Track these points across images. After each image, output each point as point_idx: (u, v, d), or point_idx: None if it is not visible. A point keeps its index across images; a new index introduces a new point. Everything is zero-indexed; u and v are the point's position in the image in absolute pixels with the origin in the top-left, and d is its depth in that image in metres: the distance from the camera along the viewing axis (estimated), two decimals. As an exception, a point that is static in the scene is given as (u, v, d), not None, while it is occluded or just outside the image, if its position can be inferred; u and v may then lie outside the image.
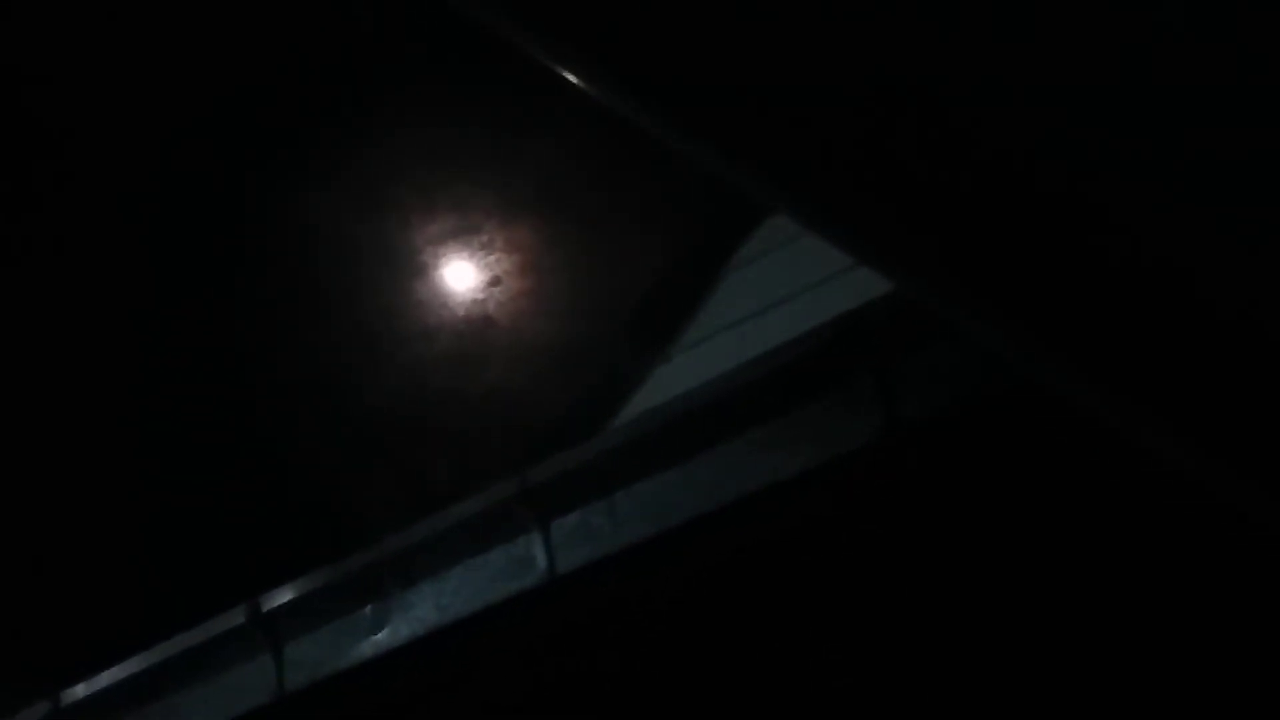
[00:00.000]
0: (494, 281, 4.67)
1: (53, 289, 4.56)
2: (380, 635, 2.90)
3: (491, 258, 4.64)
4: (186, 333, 4.68)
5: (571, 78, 1.72)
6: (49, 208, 4.46)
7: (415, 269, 4.66)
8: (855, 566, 2.69)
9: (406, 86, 4.39)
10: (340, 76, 4.38)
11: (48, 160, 4.40)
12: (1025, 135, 1.65)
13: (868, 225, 1.75)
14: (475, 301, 4.69)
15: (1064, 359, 1.81)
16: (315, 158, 4.49)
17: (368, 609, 2.93)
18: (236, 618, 3.03)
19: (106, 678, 3.17)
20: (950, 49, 1.62)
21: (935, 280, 1.80)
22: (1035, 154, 1.65)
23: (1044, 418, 2.21)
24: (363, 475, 4.73)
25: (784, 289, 3.55)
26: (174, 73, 4.28)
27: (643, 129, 1.74)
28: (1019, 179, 1.66)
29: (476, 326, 4.70)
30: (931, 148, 1.66)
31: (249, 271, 4.67)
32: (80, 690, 3.19)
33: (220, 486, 4.73)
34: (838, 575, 2.70)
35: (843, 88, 1.64)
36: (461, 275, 4.67)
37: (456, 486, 3.06)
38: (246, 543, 4.57)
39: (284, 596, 3.00)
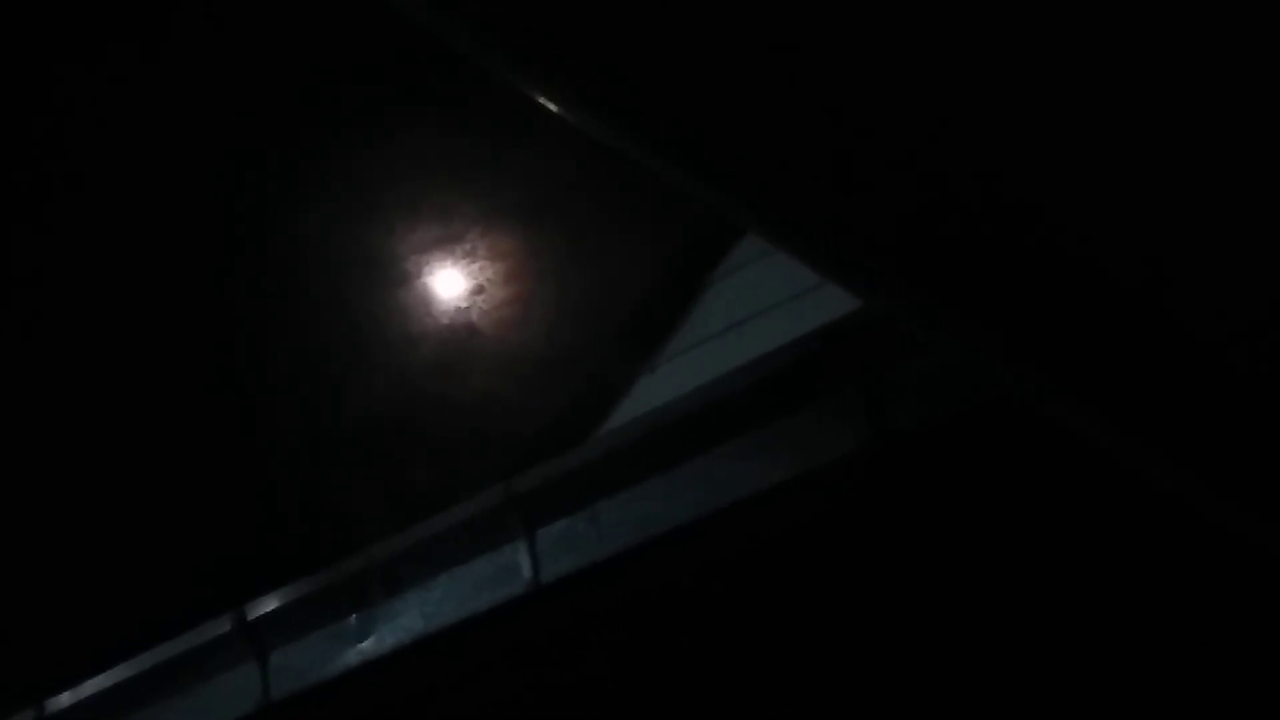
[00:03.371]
0: (478, 290, 4.67)
1: (39, 296, 4.56)
2: (366, 643, 2.90)
3: (475, 266, 4.64)
4: (170, 340, 4.68)
5: (551, 105, 1.73)
6: (40, 215, 4.46)
7: (399, 277, 4.66)
8: (840, 575, 2.69)
9: (392, 96, 4.40)
10: (326, 86, 4.38)
11: (38, 169, 4.40)
12: (987, 150, 1.66)
13: (834, 244, 1.76)
14: (459, 310, 4.69)
15: (1038, 372, 1.82)
16: (301, 166, 4.49)
17: (353, 617, 2.93)
18: (222, 626, 3.03)
19: (91, 686, 3.16)
20: (890, 70, 1.63)
21: (898, 295, 1.82)
22: (1000, 167, 1.67)
23: (1030, 427, 2.22)
24: (348, 483, 4.73)
25: (770, 298, 3.56)
26: (163, 83, 4.28)
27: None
28: (983, 193, 1.68)
29: (460, 335, 4.70)
30: (891, 167, 1.67)
31: (232, 279, 4.67)
32: (65, 699, 3.18)
33: (206, 494, 4.72)
34: (823, 583, 2.71)
35: (796, 112, 1.65)
36: (445, 283, 4.67)
37: (442, 495, 3.07)
38: (232, 551, 4.57)
39: (269, 604, 3.00)
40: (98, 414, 4.64)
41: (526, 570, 2.75)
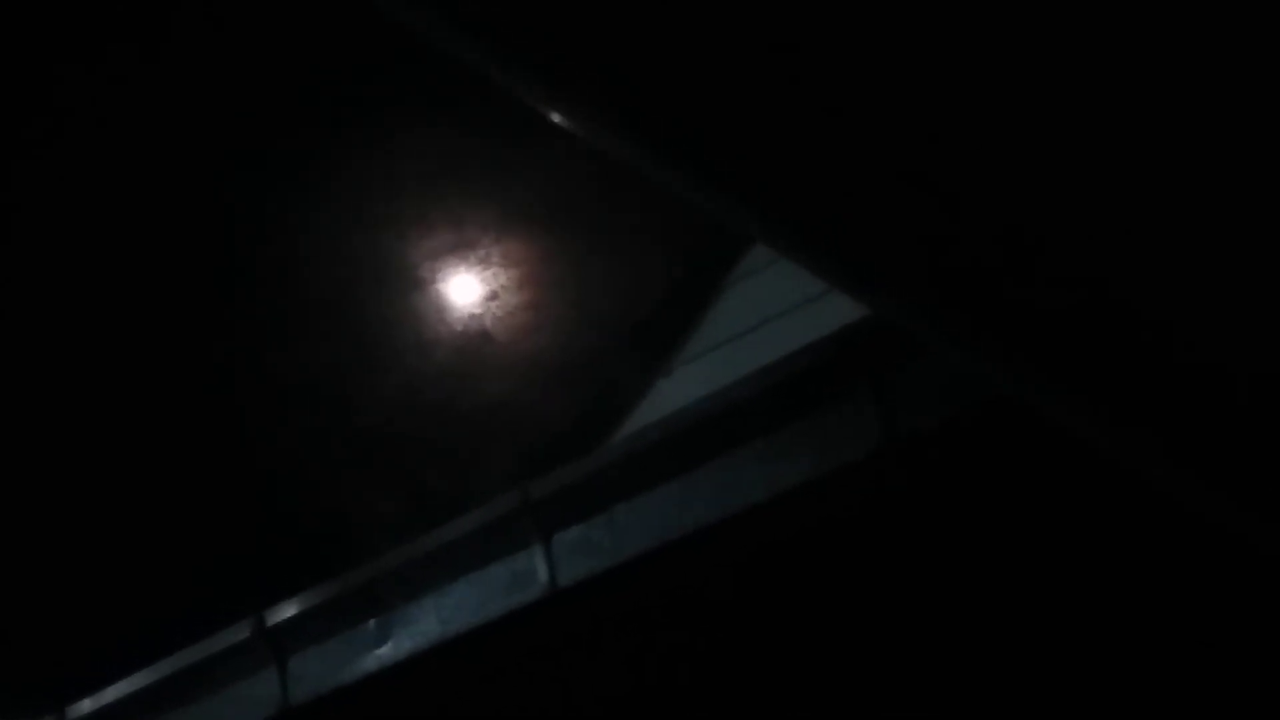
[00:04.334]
0: (491, 296, 4.66)
1: (44, 300, 4.56)
2: (384, 649, 2.91)
3: (489, 272, 4.64)
4: (184, 347, 4.68)
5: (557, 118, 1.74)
6: (46, 217, 4.47)
7: (412, 283, 4.66)
8: (854, 578, 2.70)
9: (403, 100, 4.39)
10: (337, 89, 4.39)
11: (38, 169, 4.40)
12: (988, 155, 1.67)
13: (837, 250, 1.77)
14: (473, 316, 4.68)
15: (1039, 376, 1.83)
16: (313, 171, 4.49)
17: (371, 623, 2.94)
18: (241, 632, 3.04)
19: (112, 692, 3.18)
20: (891, 73, 1.63)
21: (898, 299, 1.82)
22: (1000, 173, 1.68)
23: (1041, 430, 2.23)
24: (364, 490, 4.73)
25: (783, 302, 3.56)
26: (172, 84, 4.28)
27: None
28: (983, 197, 1.69)
29: (474, 341, 4.69)
30: (892, 173, 1.68)
31: (245, 285, 4.67)
32: (86, 705, 3.19)
33: (223, 501, 4.72)
34: (837, 587, 2.72)
35: (796, 115, 1.65)
36: (459, 290, 4.67)
37: (458, 501, 3.07)
38: (251, 558, 4.57)
39: (288, 611, 3.01)
40: (113, 421, 4.65)
41: (543, 575, 2.76)
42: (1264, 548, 1.96)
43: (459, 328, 4.69)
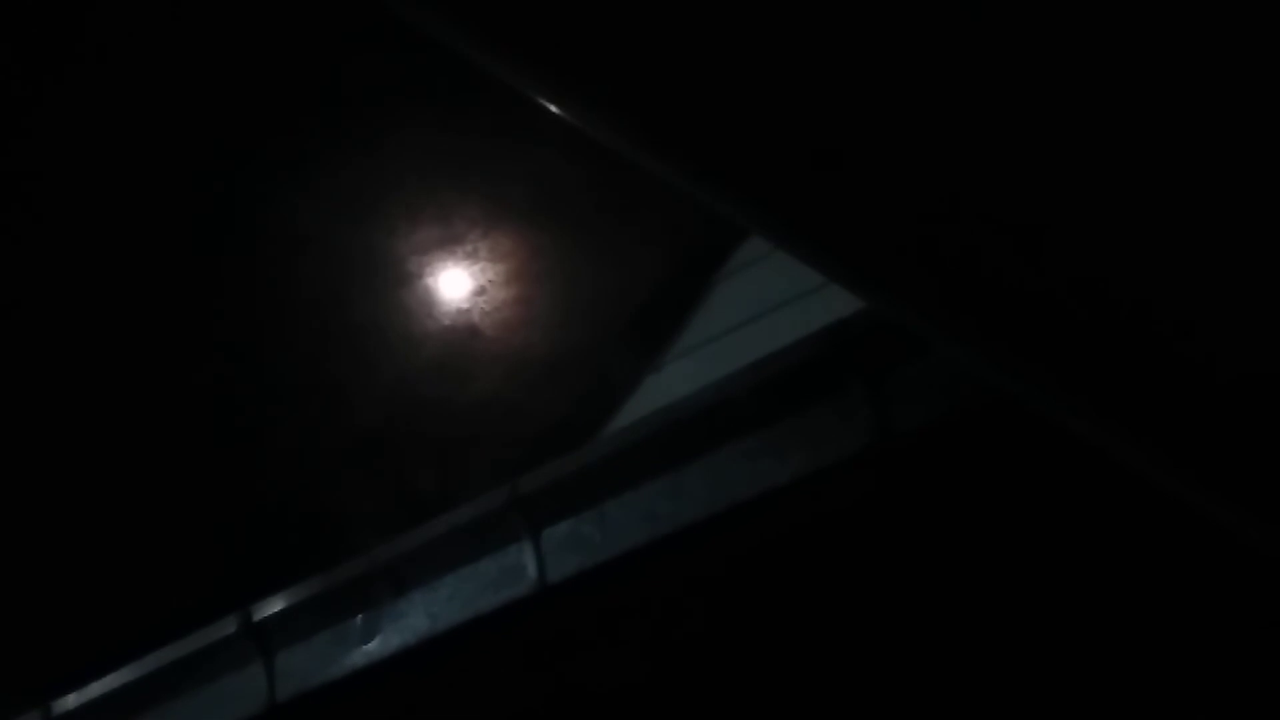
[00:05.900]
0: (479, 291, 4.66)
1: (39, 296, 4.56)
2: (371, 644, 2.90)
3: (477, 267, 4.64)
4: (170, 341, 4.67)
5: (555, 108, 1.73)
6: (36, 212, 4.46)
7: (399, 278, 4.66)
8: (846, 575, 2.70)
9: (392, 93, 4.39)
10: (325, 83, 4.38)
11: (35, 169, 4.40)
12: (987, 155, 1.67)
13: (836, 246, 1.76)
14: (460, 311, 4.68)
15: (1039, 377, 1.83)
16: (299, 165, 4.48)
17: (358, 618, 2.93)
18: (227, 627, 3.03)
19: (98, 688, 3.17)
20: (888, 71, 1.63)
21: (901, 297, 1.82)
22: (1000, 176, 1.67)
23: (1036, 427, 2.22)
24: (352, 485, 4.73)
25: (776, 297, 3.56)
26: (162, 79, 4.27)
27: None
28: (981, 197, 1.68)
29: (462, 336, 4.69)
30: (890, 170, 1.67)
31: (231, 279, 4.66)
32: (71, 700, 3.18)
33: (210, 496, 4.72)
34: (828, 584, 2.71)
35: (793, 111, 1.65)
36: (446, 285, 4.67)
37: (446, 496, 3.07)
38: (237, 552, 4.57)
39: (275, 606, 3.00)
40: (102, 417, 4.64)
41: (532, 571, 2.75)
42: (1264, 548, 1.96)
43: (446, 322, 4.69)
